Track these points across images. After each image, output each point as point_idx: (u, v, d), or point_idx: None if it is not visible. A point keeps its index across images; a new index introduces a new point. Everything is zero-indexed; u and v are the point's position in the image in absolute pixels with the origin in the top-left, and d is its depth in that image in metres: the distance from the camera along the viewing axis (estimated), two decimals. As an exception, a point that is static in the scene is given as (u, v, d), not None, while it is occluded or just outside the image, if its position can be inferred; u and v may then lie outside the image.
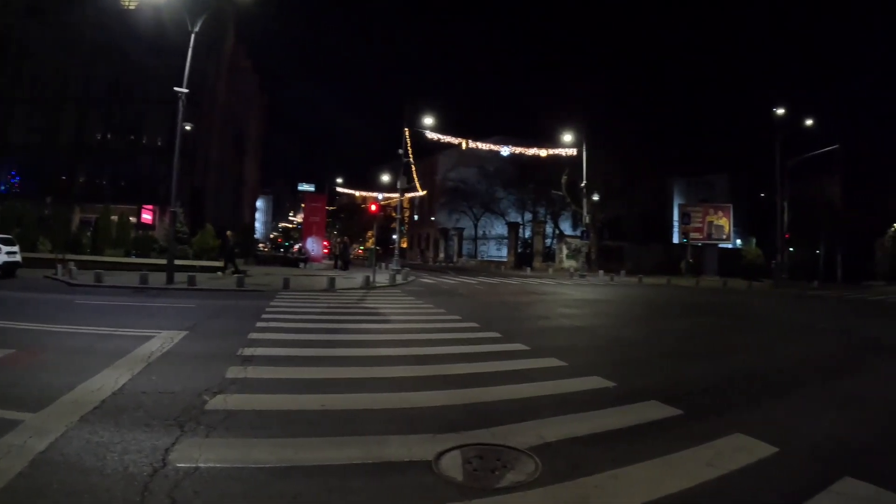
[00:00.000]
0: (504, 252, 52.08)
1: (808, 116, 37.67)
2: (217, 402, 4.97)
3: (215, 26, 34.00)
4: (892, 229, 52.96)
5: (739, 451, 4.29)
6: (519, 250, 49.48)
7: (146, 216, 36.32)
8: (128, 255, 24.42)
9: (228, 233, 23.08)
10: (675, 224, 53.43)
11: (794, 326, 14.13)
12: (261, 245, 70.75)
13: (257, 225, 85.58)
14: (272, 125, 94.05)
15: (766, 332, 12.80)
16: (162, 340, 7.78)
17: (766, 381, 7.06)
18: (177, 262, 18.56)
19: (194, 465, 3.55)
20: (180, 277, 17.21)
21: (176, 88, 17.47)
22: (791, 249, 41.85)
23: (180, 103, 17.57)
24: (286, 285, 17.60)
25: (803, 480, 3.79)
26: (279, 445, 3.99)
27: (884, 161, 51.87)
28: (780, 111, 36.56)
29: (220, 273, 21.10)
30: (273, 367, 6.53)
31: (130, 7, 37.10)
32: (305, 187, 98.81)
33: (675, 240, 51.64)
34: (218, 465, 3.60)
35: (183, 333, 8.50)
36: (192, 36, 17.46)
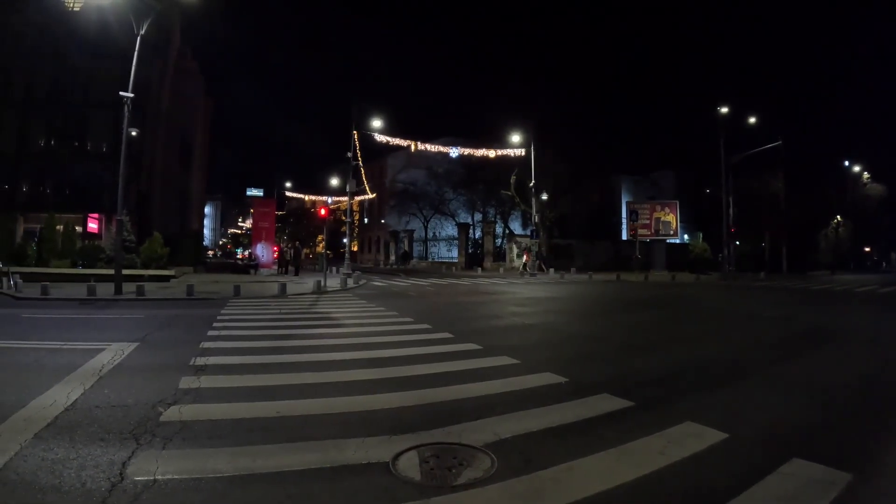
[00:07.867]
0: (455, 253, 51.55)
1: (751, 114, 38.62)
2: (172, 414, 4.92)
3: (161, 28, 33.14)
4: (835, 221, 55.35)
5: (690, 438, 4.43)
6: (469, 251, 49.26)
7: (92, 225, 35.14)
8: (74, 265, 23.56)
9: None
10: (624, 221, 54.51)
11: (741, 316, 14.60)
12: (210, 252, 69.23)
13: (206, 231, 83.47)
14: (219, 129, 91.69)
15: (714, 323, 13.18)
16: (112, 353, 7.61)
17: (714, 370, 7.32)
18: (124, 271, 18.09)
19: (152, 478, 3.52)
20: (128, 287, 16.75)
21: (122, 93, 16.88)
22: (737, 243, 43.15)
23: (126, 108, 16.94)
24: (237, 292, 17.30)
25: (753, 463, 3.91)
26: (236, 454, 3.98)
27: (823, 156, 53.72)
28: (724, 110, 37.42)
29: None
30: (227, 376, 6.47)
31: (74, 8, 35.80)
32: (254, 192, 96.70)
33: (624, 236, 52.67)
34: (176, 477, 3.58)
35: (134, 345, 8.33)
36: (139, 39, 16.91)
